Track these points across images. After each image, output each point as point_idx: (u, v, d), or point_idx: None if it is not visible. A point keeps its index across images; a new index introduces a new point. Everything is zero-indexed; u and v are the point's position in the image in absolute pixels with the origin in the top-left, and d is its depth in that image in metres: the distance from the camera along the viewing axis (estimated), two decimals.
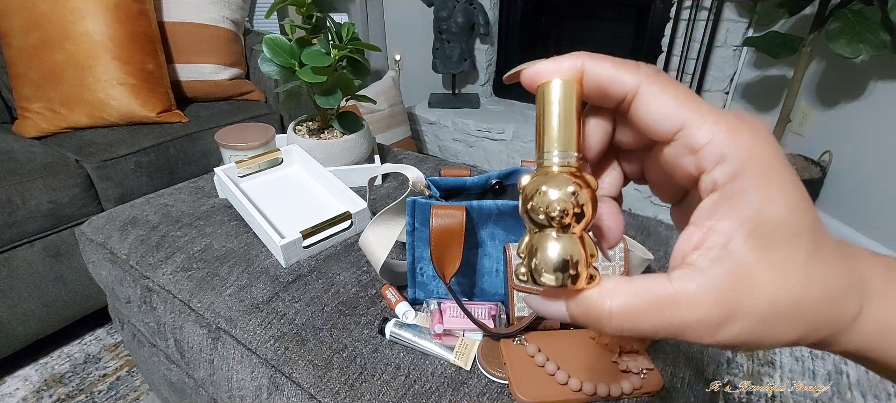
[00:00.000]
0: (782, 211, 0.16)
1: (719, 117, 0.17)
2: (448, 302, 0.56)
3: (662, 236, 0.74)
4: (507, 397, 0.48)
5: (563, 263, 0.17)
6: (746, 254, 0.16)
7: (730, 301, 0.16)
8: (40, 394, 1.05)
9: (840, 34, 1.26)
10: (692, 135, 0.17)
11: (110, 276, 0.73)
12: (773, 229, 0.16)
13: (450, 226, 0.51)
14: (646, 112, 0.18)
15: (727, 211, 0.17)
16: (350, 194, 0.74)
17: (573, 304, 0.18)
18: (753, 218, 0.16)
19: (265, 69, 0.79)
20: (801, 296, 0.17)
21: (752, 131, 0.17)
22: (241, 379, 0.55)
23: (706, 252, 0.17)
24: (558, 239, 0.17)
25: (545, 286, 0.18)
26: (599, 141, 0.21)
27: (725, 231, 0.17)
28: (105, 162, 1.13)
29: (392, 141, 1.97)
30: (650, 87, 0.18)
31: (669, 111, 0.17)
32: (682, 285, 0.17)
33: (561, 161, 0.18)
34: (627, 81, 0.18)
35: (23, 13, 1.15)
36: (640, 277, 0.18)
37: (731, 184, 0.17)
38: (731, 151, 0.16)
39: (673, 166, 0.19)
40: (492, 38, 2.26)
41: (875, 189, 1.48)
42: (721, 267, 0.17)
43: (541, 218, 0.18)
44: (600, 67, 0.18)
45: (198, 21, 1.44)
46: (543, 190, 0.17)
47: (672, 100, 0.17)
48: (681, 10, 1.74)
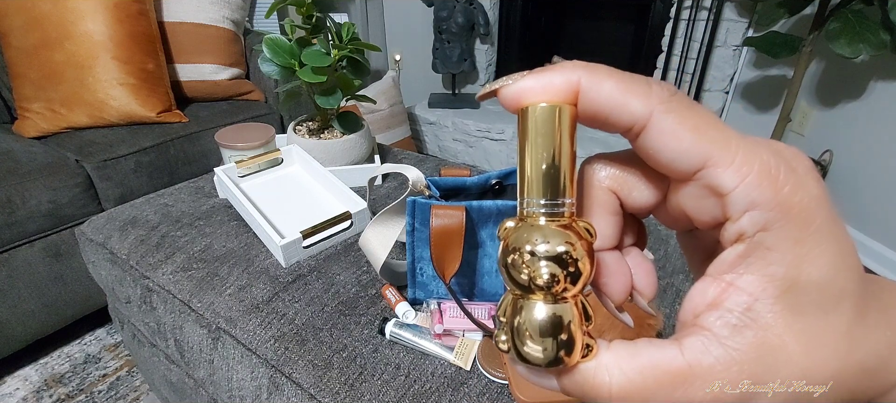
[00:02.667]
0: (822, 271, 0.14)
1: (751, 153, 0.14)
2: (448, 302, 0.56)
3: (662, 236, 0.74)
4: (507, 397, 0.48)
5: (553, 332, 0.14)
6: (775, 321, 0.14)
7: (756, 377, 0.14)
8: (40, 394, 1.05)
9: (840, 34, 1.26)
10: (716, 177, 0.14)
11: (110, 276, 0.73)
12: (810, 292, 0.14)
13: (450, 226, 0.51)
14: (659, 147, 0.14)
15: (753, 266, 0.14)
16: (350, 194, 0.74)
17: (567, 379, 0.15)
18: (786, 277, 0.14)
19: (265, 69, 0.79)
20: (839, 369, 0.14)
21: (791, 173, 0.14)
22: (241, 379, 0.55)
23: (725, 315, 0.14)
24: (548, 303, 0.14)
25: (531, 360, 0.15)
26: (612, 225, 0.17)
27: (750, 289, 0.14)
28: (105, 162, 1.13)
29: (392, 141, 1.97)
30: (665, 118, 0.14)
31: (689, 146, 0.14)
32: (697, 358, 0.14)
33: (550, 211, 0.15)
34: (636, 110, 0.14)
35: (23, 13, 1.15)
36: (645, 346, 0.15)
37: (761, 234, 0.14)
38: (765, 199, 0.14)
39: (690, 208, 0.16)
40: (492, 38, 2.26)
41: (875, 188, 1.48)
42: (743, 337, 0.14)
43: (523, 280, 0.14)
44: (602, 90, 0.14)
45: (198, 21, 1.44)
46: (527, 249, 0.14)
47: (692, 133, 0.14)
48: (681, 10, 1.74)
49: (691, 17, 1.73)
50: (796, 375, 0.14)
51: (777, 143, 0.14)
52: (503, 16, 2.21)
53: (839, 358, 0.14)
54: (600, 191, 0.17)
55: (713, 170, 0.14)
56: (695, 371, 0.14)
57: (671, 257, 0.69)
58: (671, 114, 0.14)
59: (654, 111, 0.14)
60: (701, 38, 1.74)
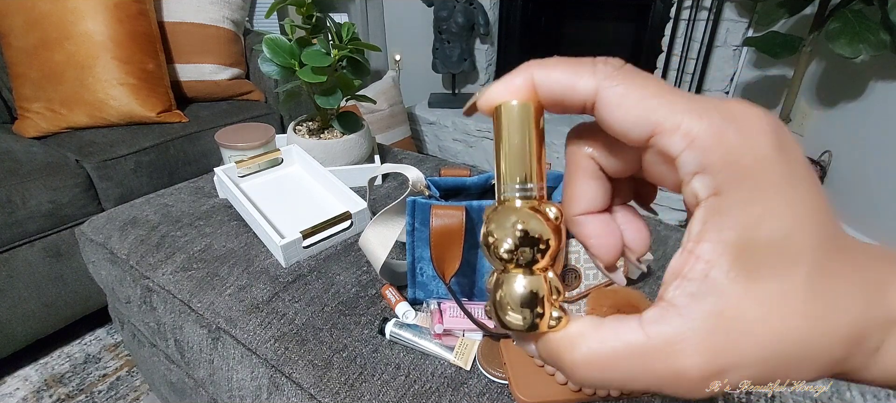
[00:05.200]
0: (777, 231, 0.13)
1: (702, 114, 0.14)
2: (448, 302, 0.56)
3: (662, 235, 0.74)
4: (507, 397, 0.48)
5: (527, 302, 0.16)
6: (732, 287, 0.13)
7: (718, 348, 0.13)
8: (40, 394, 1.05)
9: (840, 34, 1.26)
10: (664, 143, 0.14)
11: (110, 276, 0.73)
12: (767, 255, 0.13)
13: (450, 226, 0.51)
14: (610, 119, 0.15)
15: (709, 232, 0.14)
16: (350, 194, 0.74)
17: (541, 346, 0.16)
18: (740, 240, 0.13)
19: (265, 69, 0.79)
20: (806, 336, 0.13)
21: (740, 134, 0.13)
22: (241, 379, 0.55)
23: (685, 284, 0.14)
24: (522, 276, 0.16)
25: (510, 326, 0.17)
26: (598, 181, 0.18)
27: (707, 257, 0.14)
28: (105, 162, 1.13)
29: (392, 141, 1.97)
30: (611, 91, 0.15)
31: (637, 116, 0.14)
32: (657, 329, 0.14)
33: (519, 194, 0.17)
34: (583, 87, 0.15)
35: (23, 13, 1.15)
36: (611, 320, 0.15)
37: (714, 199, 0.14)
38: (712, 161, 0.13)
39: (656, 175, 0.16)
40: (492, 38, 2.26)
41: (875, 189, 1.48)
42: (701, 305, 0.13)
43: (501, 255, 0.17)
44: (551, 77, 0.16)
45: (198, 21, 1.44)
46: (496, 226, 0.17)
47: (638, 102, 0.14)
48: (681, 10, 1.74)
49: (691, 16, 1.73)
50: (762, 344, 0.13)
51: (733, 104, 0.14)
52: (503, 16, 2.21)
53: (806, 324, 0.13)
54: (580, 158, 0.18)
55: (661, 136, 0.14)
56: (654, 343, 0.14)
57: (671, 257, 0.69)
58: (617, 87, 0.15)
59: (599, 86, 0.15)
60: (701, 38, 1.74)
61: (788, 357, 0.13)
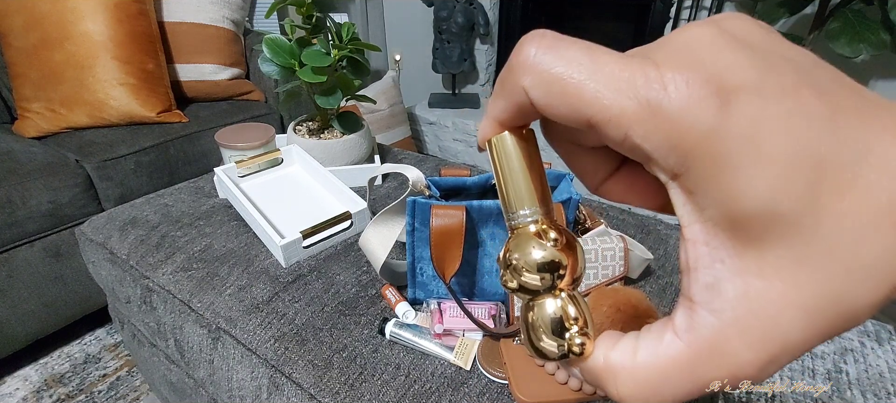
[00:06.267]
0: (756, 198, 0.11)
1: (628, 89, 0.12)
2: (448, 302, 0.56)
3: (662, 235, 0.74)
4: (507, 397, 0.48)
5: (556, 328, 0.16)
6: (741, 266, 0.12)
7: (763, 336, 0.12)
8: (40, 394, 1.05)
9: (840, 34, 1.26)
10: (604, 134, 0.13)
11: (110, 276, 0.73)
12: (756, 224, 0.12)
13: (450, 226, 0.51)
14: (553, 119, 0.14)
15: (693, 215, 0.13)
16: (350, 194, 0.74)
17: (584, 373, 0.16)
18: (723, 217, 0.12)
19: (265, 69, 0.79)
20: (841, 291, 0.11)
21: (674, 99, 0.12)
22: (241, 379, 0.55)
23: (698, 275, 0.13)
24: (544, 302, 0.17)
25: (543, 353, 0.17)
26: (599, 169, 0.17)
27: (701, 239, 0.13)
28: (105, 162, 1.13)
29: (392, 141, 1.97)
30: (534, 93, 0.14)
31: (566, 114, 0.13)
32: (694, 336, 0.13)
33: (522, 221, 0.17)
34: (520, 103, 0.14)
35: (23, 13, 1.15)
36: (644, 341, 0.14)
37: (681, 179, 0.13)
38: (656, 143, 0.12)
39: None
40: (492, 38, 2.26)
41: None
42: (723, 296, 0.12)
43: (522, 284, 0.17)
44: (498, 108, 0.15)
45: (198, 21, 1.44)
46: (506, 259, 0.17)
47: (561, 98, 0.13)
48: (681, 10, 1.74)
49: (691, 17, 1.73)
50: (795, 318, 0.12)
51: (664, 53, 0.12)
52: (503, 16, 2.21)
53: (831, 287, 0.11)
54: (560, 143, 0.17)
55: (597, 128, 0.13)
56: (696, 351, 0.13)
57: (671, 256, 0.69)
58: (535, 90, 0.14)
59: (530, 96, 0.14)
60: None
61: (828, 316, 0.12)
